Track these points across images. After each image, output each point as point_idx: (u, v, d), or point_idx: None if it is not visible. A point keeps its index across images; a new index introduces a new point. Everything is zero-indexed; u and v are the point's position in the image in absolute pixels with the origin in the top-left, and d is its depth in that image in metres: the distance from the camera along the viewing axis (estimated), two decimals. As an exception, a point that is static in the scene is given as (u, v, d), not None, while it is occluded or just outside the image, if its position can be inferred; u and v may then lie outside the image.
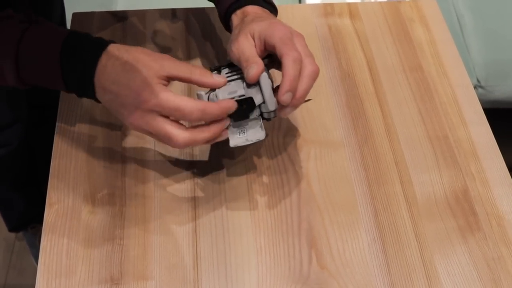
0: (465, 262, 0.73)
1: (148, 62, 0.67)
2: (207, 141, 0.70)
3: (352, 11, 1.01)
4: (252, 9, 0.77)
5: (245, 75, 0.70)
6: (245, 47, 0.71)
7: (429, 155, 0.83)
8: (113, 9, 1.40)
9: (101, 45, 0.69)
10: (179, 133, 0.67)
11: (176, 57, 0.88)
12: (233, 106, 0.69)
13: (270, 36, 0.70)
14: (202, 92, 0.71)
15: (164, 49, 0.94)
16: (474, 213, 0.77)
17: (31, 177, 1.39)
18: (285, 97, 0.68)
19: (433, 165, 0.82)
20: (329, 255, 0.73)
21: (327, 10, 1.01)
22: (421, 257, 0.73)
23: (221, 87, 0.70)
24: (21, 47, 0.68)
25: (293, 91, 0.68)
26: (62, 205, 0.76)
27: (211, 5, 0.85)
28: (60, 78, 0.70)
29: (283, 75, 0.69)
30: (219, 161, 0.81)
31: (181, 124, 0.68)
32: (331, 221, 0.76)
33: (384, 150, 0.83)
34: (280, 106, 0.70)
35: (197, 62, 0.93)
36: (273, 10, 0.80)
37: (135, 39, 0.95)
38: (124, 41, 0.95)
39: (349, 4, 1.02)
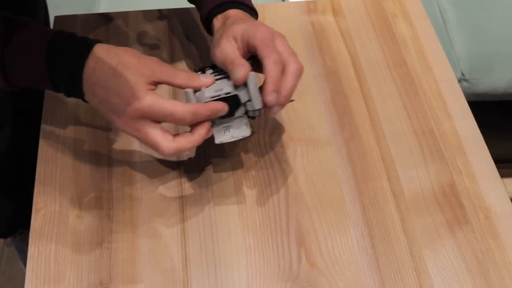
0: (454, 256, 0.73)
1: (138, 68, 0.67)
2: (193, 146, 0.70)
3: (335, 8, 1.01)
4: (233, 13, 0.77)
5: (232, 78, 0.70)
6: (228, 50, 0.71)
7: (415, 150, 0.83)
8: (96, 11, 1.40)
9: (87, 46, 0.69)
10: (166, 143, 0.68)
11: (160, 58, 0.88)
12: (223, 108, 0.69)
13: (252, 38, 0.70)
14: (190, 90, 0.71)
15: (148, 50, 0.94)
16: (462, 206, 0.78)
17: (19, 182, 1.38)
18: (270, 97, 0.68)
19: (420, 159, 0.82)
20: (318, 252, 0.73)
21: (310, 8, 1.01)
22: (409, 251, 0.73)
23: (208, 86, 0.71)
24: (6, 49, 0.68)
25: (278, 91, 0.69)
26: (49, 210, 0.76)
27: (192, 5, 0.85)
28: (47, 80, 0.69)
29: (265, 77, 0.69)
30: (206, 161, 0.81)
31: (169, 134, 0.68)
32: (319, 219, 0.76)
33: (370, 146, 0.83)
34: (267, 106, 0.70)
35: (181, 62, 0.92)
36: (254, 14, 0.80)
37: (119, 40, 0.95)
38: (107, 43, 0.94)
39: (331, 1, 1.03)
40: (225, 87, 0.71)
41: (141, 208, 0.76)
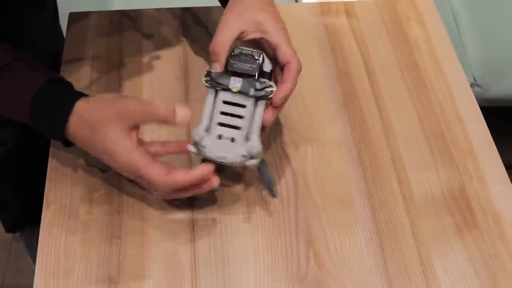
0: (462, 259, 0.73)
1: (114, 121, 0.68)
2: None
3: (349, 10, 1.01)
4: None
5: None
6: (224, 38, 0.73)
7: (426, 153, 0.83)
8: (109, 9, 1.40)
9: (68, 105, 0.69)
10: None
11: (172, 56, 0.88)
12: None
13: (279, 51, 0.74)
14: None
15: (160, 49, 0.94)
16: (471, 210, 0.78)
17: (28, 177, 1.38)
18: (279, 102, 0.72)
19: (430, 163, 0.82)
20: (326, 253, 0.73)
21: (324, 9, 1.02)
22: (418, 254, 0.73)
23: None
24: None
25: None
26: (59, 205, 0.76)
27: (207, 4, 0.85)
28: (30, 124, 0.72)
29: (283, 83, 0.72)
30: (216, 160, 0.81)
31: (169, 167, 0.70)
32: (328, 220, 0.76)
33: (381, 148, 0.83)
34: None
35: (194, 61, 0.93)
36: None
37: (132, 38, 0.95)
38: (120, 41, 0.95)
39: (345, 3, 1.03)
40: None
41: (150, 204, 0.76)
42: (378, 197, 0.78)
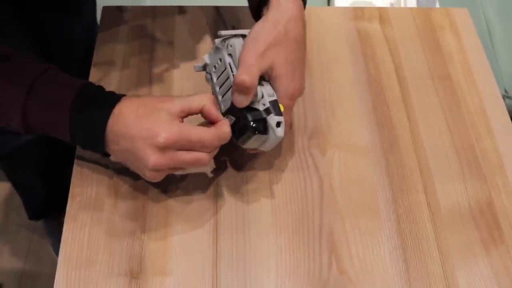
0: (487, 275, 0.72)
1: (158, 104, 0.69)
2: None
3: (382, 16, 1.01)
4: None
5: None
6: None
7: (455, 165, 0.82)
8: (143, 4, 1.41)
9: (113, 100, 0.70)
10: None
11: (205, 54, 0.88)
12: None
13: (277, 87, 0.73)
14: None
15: (193, 46, 0.94)
16: (498, 225, 0.76)
17: (53, 166, 1.40)
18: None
19: (458, 175, 0.81)
20: (349, 260, 0.73)
21: (357, 14, 1.01)
22: (442, 267, 0.72)
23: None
24: (29, 100, 0.68)
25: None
26: (84, 197, 0.77)
27: (241, 3, 0.85)
28: (67, 132, 0.70)
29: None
30: (241, 161, 0.81)
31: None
32: (352, 227, 0.75)
33: (409, 157, 0.83)
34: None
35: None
36: None
37: (165, 34, 0.96)
38: (153, 36, 0.95)
39: (379, 9, 1.02)
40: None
41: (175, 201, 0.77)
42: (404, 207, 0.78)
